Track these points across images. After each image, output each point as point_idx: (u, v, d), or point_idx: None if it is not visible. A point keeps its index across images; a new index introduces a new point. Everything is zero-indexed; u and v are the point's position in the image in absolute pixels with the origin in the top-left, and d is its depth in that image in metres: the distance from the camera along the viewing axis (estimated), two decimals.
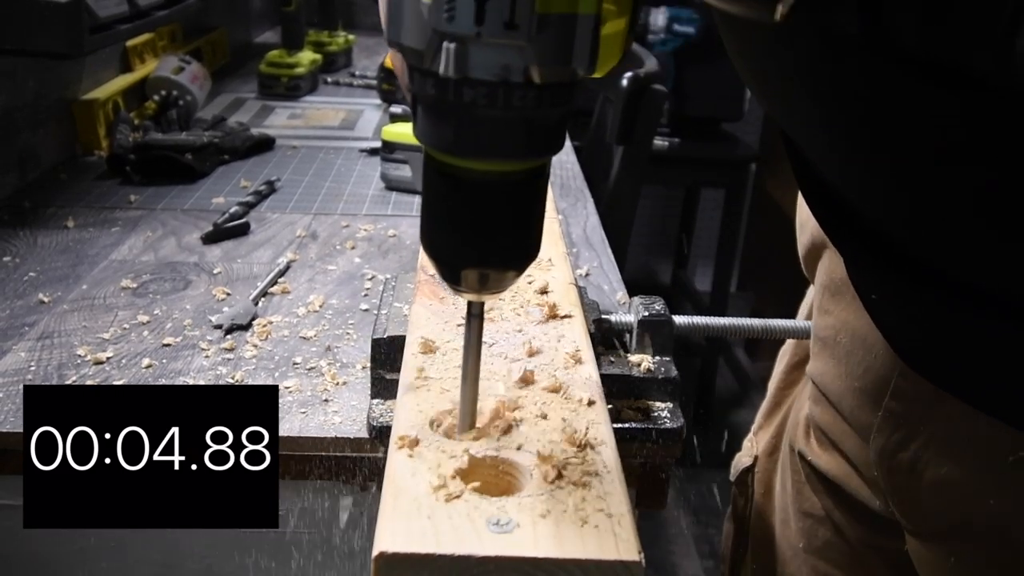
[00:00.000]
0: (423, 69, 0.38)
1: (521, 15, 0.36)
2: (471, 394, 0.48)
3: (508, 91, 0.37)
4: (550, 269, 0.71)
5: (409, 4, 0.37)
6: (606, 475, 0.44)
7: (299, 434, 0.65)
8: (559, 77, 0.38)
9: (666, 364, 0.66)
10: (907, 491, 0.57)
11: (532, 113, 0.39)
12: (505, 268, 0.44)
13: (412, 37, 0.38)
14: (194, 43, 1.75)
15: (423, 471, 0.44)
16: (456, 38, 0.36)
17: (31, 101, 1.21)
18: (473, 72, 0.37)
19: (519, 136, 0.39)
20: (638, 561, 0.39)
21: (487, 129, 0.39)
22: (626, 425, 0.62)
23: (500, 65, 0.37)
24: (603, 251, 1.04)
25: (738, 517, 0.88)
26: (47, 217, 1.07)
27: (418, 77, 0.39)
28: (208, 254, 0.98)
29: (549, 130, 0.41)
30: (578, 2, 0.37)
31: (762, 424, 0.87)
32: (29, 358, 0.74)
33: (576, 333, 0.61)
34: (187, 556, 0.68)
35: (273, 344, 0.78)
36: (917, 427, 0.55)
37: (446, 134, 0.40)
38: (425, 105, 0.40)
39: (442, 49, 0.37)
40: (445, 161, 0.41)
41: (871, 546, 0.69)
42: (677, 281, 3.09)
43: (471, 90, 0.37)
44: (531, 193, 0.43)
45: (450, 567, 0.38)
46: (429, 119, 0.40)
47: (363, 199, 1.19)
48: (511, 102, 0.38)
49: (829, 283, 0.65)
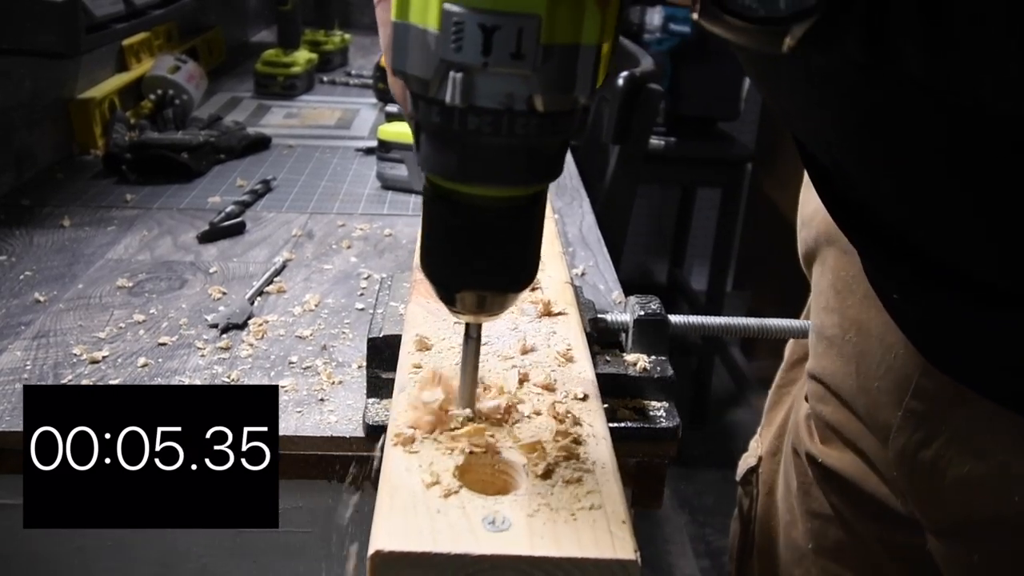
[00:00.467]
0: (428, 97, 0.39)
1: (527, 46, 0.36)
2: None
3: (512, 119, 0.38)
4: (544, 268, 0.71)
5: (415, 34, 0.38)
6: (602, 473, 0.45)
7: (295, 433, 0.65)
8: (562, 105, 0.39)
9: (662, 363, 0.66)
10: (929, 490, 0.57)
11: (535, 140, 0.39)
12: (503, 291, 0.45)
13: (418, 66, 0.38)
14: (190, 42, 1.74)
15: (419, 469, 0.44)
16: (463, 68, 0.37)
17: (27, 100, 1.21)
18: (479, 100, 0.38)
19: (521, 162, 0.40)
20: (634, 560, 0.39)
21: (491, 156, 0.40)
22: (622, 424, 0.62)
23: (505, 93, 0.38)
24: (599, 250, 1.04)
25: (743, 518, 0.88)
26: (43, 216, 1.07)
27: (423, 105, 0.39)
28: (204, 253, 0.99)
29: (550, 157, 0.42)
30: (581, 33, 0.38)
31: (765, 423, 0.87)
32: (25, 357, 0.74)
33: (571, 331, 0.62)
34: (186, 556, 0.68)
35: (269, 343, 0.78)
36: (939, 426, 0.55)
37: (450, 161, 0.40)
38: (429, 132, 0.41)
39: (448, 78, 0.37)
40: (447, 187, 0.42)
41: (884, 542, 0.69)
42: (673, 280, 3.10)
43: (476, 118, 0.38)
44: (530, 217, 0.44)
45: (446, 566, 0.39)
46: (433, 146, 0.41)
47: (359, 198, 1.19)
48: (515, 130, 0.38)
49: (835, 281, 0.65)
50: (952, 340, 0.52)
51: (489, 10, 0.36)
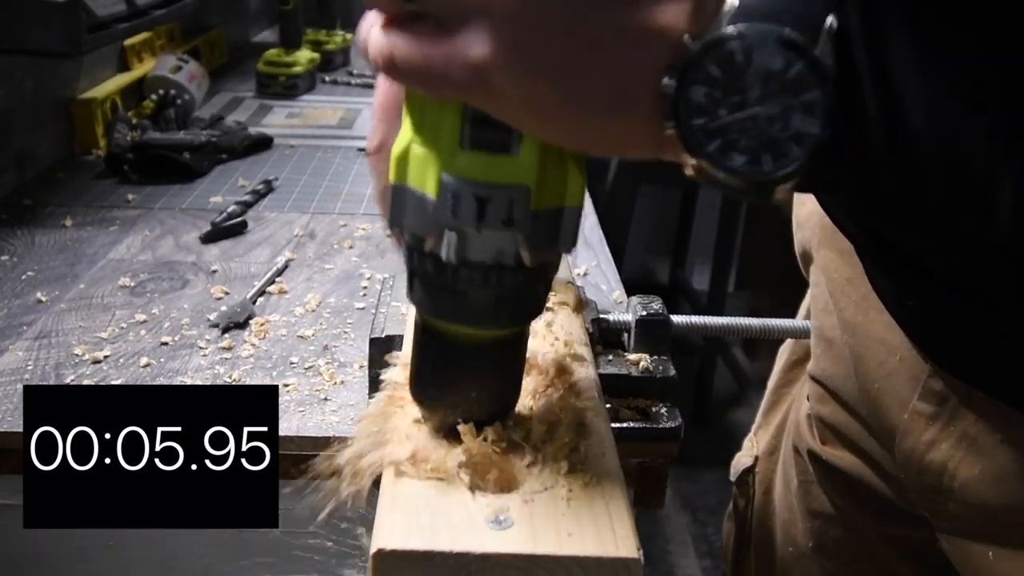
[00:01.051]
0: (424, 251, 0.42)
1: (518, 214, 0.40)
2: None
3: (501, 272, 0.41)
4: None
5: (412, 197, 0.41)
6: (604, 472, 0.45)
7: (296, 433, 0.65)
8: (547, 259, 0.43)
9: (664, 363, 0.66)
10: (939, 491, 0.56)
11: (521, 290, 0.43)
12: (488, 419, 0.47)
13: (415, 225, 0.42)
14: (192, 42, 1.74)
15: (421, 467, 0.44)
16: (458, 230, 0.40)
17: (29, 100, 1.21)
18: (471, 256, 0.41)
19: (508, 308, 0.43)
20: (637, 558, 0.39)
21: (480, 303, 0.43)
22: (624, 424, 0.62)
23: (496, 250, 0.41)
24: (601, 251, 1.04)
25: (739, 517, 0.88)
26: (45, 216, 1.07)
27: (418, 256, 0.42)
28: (206, 253, 0.99)
29: (534, 301, 0.45)
30: (565, 196, 0.41)
31: (761, 423, 0.87)
32: (27, 357, 0.74)
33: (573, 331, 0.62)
34: (186, 555, 0.68)
35: (270, 343, 0.78)
36: (947, 427, 0.55)
37: (442, 305, 0.43)
38: (423, 280, 0.43)
39: (444, 237, 0.41)
40: (438, 327, 0.45)
41: (887, 539, 0.69)
42: (675, 281, 3.09)
43: (467, 271, 0.41)
44: (513, 352, 0.47)
45: (448, 564, 0.38)
46: (427, 292, 0.44)
47: (361, 198, 1.19)
48: (503, 281, 0.42)
49: (830, 283, 0.65)
50: (956, 340, 0.52)
51: (483, 182, 0.39)
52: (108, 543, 0.67)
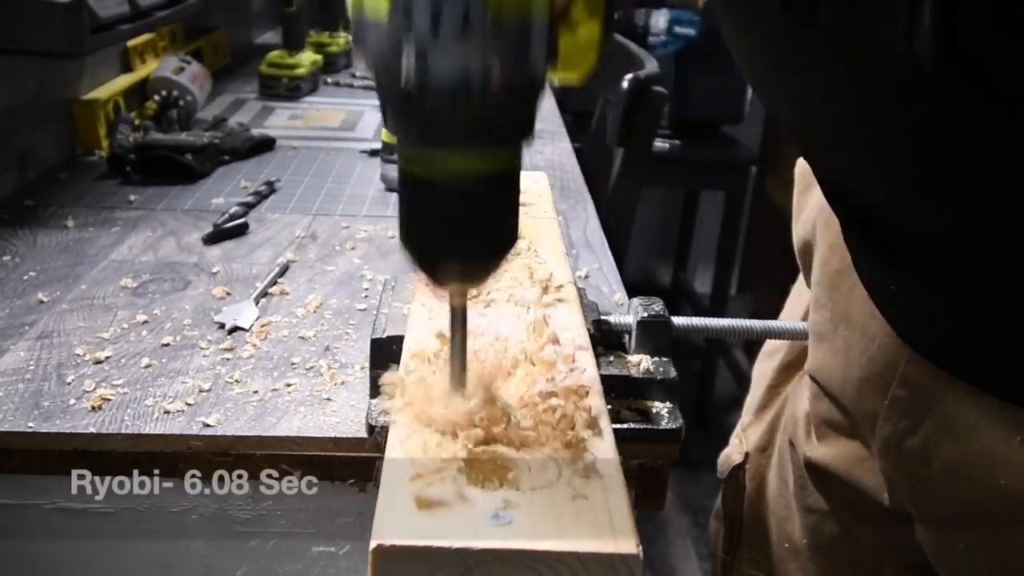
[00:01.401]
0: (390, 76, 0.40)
1: (475, 18, 0.38)
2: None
3: (468, 94, 0.39)
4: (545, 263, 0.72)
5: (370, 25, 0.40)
6: (605, 469, 0.45)
7: (297, 434, 0.65)
8: (519, 79, 0.40)
9: (665, 365, 0.66)
10: (917, 478, 0.57)
11: (494, 112, 0.41)
12: (483, 258, 0.46)
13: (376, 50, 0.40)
14: (195, 43, 1.75)
15: (420, 463, 0.44)
16: (416, 43, 0.38)
17: (31, 101, 1.21)
18: (434, 74, 0.39)
19: (482, 130, 0.41)
20: (636, 554, 0.39)
21: (449, 124, 0.41)
22: (625, 426, 0.62)
23: (459, 67, 0.39)
24: (603, 254, 1.04)
25: (729, 515, 0.87)
26: (47, 217, 1.07)
27: (386, 81, 0.41)
28: (208, 254, 0.99)
29: (510, 126, 0.43)
30: (532, 6, 0.39)
31: (751, 420, 0.87)
32: (28, 357, 0.74)
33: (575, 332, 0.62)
34: (187, 556, 0.68)
35: (272, 344, 0.78)
36: (925, 413, 0.55)
37: (412, 130, 0.42)
38: (395, 108, 0.42)
39: (403, 53, 0.39)
40: (415, 172, 0.43)
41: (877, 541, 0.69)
42: (677, 283, 3.10)
43: (434, 93, 0.39)
44: (497, 187, 0.45)
45: (448, 559, 0.38)
46: (397, 117, 0.42)
47: (363, 200, 1.19)
48: (472, 101, 0.40)
49: (822, 277, 0.65)
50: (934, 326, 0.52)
51: None
52: (107, 544, 0.67)
